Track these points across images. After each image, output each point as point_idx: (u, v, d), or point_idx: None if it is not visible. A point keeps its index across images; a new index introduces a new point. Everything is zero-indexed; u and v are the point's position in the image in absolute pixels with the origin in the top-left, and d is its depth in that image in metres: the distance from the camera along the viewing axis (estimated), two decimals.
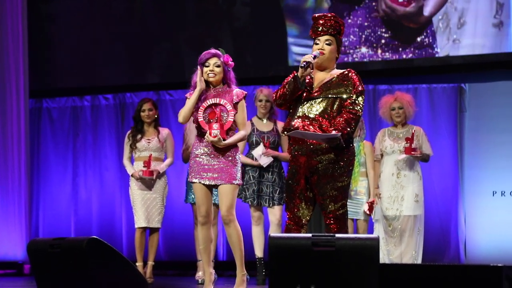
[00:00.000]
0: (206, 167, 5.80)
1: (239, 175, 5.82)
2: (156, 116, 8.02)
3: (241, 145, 6.90)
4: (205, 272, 5.97)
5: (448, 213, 9.02)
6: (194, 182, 5.84)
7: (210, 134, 5.71)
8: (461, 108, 9.12)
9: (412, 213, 7.49)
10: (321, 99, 5.36)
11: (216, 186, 5.81)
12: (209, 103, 5.81)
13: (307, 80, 5.39)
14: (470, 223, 8.96)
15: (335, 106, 5.35)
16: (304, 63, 5.28)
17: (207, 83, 5.88)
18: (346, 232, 5.34)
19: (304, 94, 5.40)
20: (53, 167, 10.30)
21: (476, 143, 9.01)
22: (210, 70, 5.82)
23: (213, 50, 5.87)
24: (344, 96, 5.35)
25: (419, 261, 7.44)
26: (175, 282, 8.18)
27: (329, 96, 5.36)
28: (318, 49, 5.44)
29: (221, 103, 5.77)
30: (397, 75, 9.18)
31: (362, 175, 7.76)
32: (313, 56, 5.37)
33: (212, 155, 5.79)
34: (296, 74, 5.35)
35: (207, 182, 5.79)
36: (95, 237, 4.91)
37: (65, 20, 10.14)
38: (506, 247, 8.69)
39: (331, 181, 5.32)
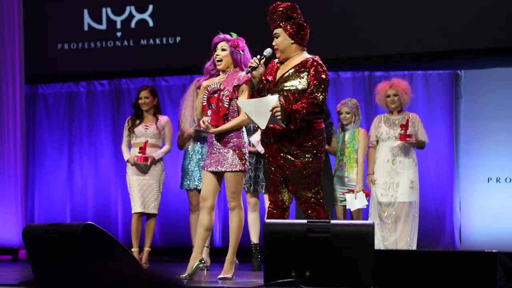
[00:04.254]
0: (212, 155, 5.81)
1: (243, 161, 5.77)
2: (154, 103, 8.01)
3: None
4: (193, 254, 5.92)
5: (443, 200, 9.04)
6: (203, 169, 5.87)
7: (203, 121, 5.72)
8: (456, 94, 9.12)
9: (407, 199, 7.49)
10: (276, 93, 5.37)
11: (221, 173, 5.80)
12: (211, 87, 5.79)
13: (270, 78, 5.44)
14: (465, 210, 8.98)
15: (291, 99, 5.34)
16: (248, 69, 5.43)
17: None
18: (327, 218, 5.33)
19: (267, 87, 5.45)
20: (49, 153, 10.29)
21: (472, 129, 9.02)
22: (216, 55, 5.82)
23: (221, 35, 5.85)
24: (299, 87, 5.33)
25: (414, 247, 7.45)
26: (170, 268, 8.18)
27: (284, 89, 5.36)
28: (273, 45, 5.48)
29: (221, 88, 5.76)
30: (393, 61, 9.18)
31: (356, 161, 7.77)
32: (258, 59, 5.42)
33: (215, 142, 5.79)
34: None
35: (210, 169, 5.80)
36: (90, 222, 4.91)
37: (61, 5, 10.11)
38: (501, 234, 8.71)
39: (302, 169, 5.33)
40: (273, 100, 5.21)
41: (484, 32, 8.64)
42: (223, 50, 5.81)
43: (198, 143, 7.76)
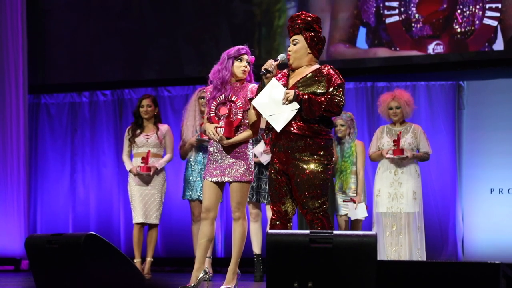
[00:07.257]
0: (215, 164, 5.76)
1: (249, 172, 5.75)
2: (155, 113, 8.02)
3: None
4: (196, 265, 5.89)
5: (446, 211, 9.03)
6: (205, 179, 5.81)
7: (215, 133, 5.65)
8: (459, 105, 9.12)
9: (410, 210, 7.47)
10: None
11: (223, 183, 5.77)
12: (221, 99, 5.76)
13: (283, 82, 5.41)
14: (468, 221, 8.97)
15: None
16: (264, 71, 5.39)
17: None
18: (331, 229, 5.32)
19: None
20: (51, 163, 10.30)
21: (474, 140, 9.01)
22: (244, 66, 5.79)
23: (246, 47, 5.84)
24: (318, 91, 5.32)
25: (424, 258, 7.42)
26: (172, 278, 8.18)
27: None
28: (288, 51, 5.48)
29: (233, 99, 5.73)
30: (396, 72, 9.18)
31: (353, 173, 7.76)
32: (273, 63, 5.43)
33: (221, 153, 5.74)
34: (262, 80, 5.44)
35: (214, 179, 5.76)
36: (92, 233, 4.91)
37: (64, 16, 10.14)
38: (503, 245, 8.70)
39: (310, 179, 5.32)
40: (282, 90, 5.26)
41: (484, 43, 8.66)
42: (248, 63, 5.82)
43: (200, 153, 7.76)
